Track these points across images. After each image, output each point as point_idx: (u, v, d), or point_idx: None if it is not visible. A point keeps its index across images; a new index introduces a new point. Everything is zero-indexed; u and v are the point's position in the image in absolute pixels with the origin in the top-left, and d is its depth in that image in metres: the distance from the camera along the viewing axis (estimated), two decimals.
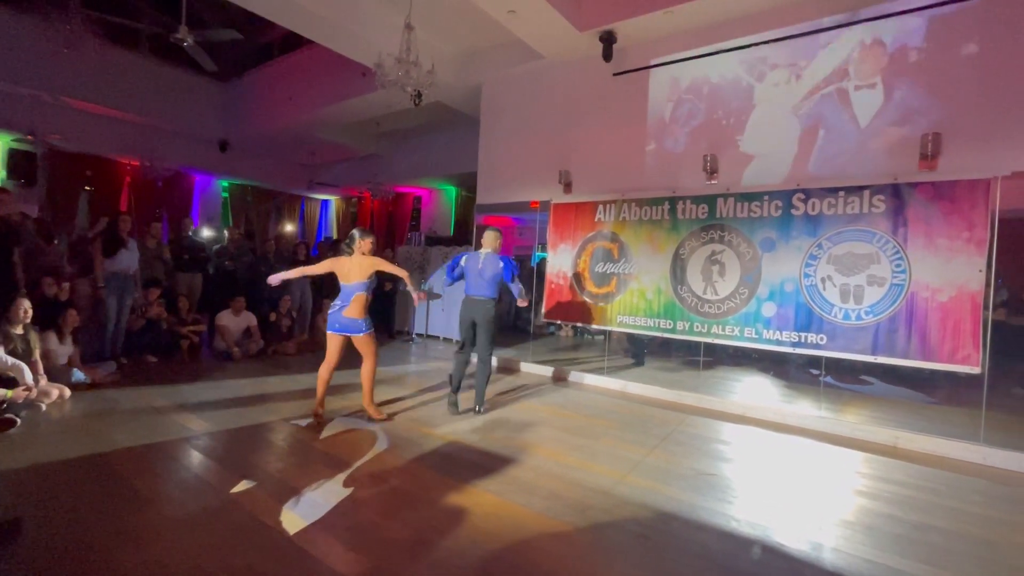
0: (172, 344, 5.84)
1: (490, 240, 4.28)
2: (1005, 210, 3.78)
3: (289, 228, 13.62)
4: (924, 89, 4.21)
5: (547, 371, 6.04)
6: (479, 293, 4.16)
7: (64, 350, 4.42)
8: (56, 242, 6.00)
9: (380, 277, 8.27)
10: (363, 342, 3.84)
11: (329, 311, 3.87)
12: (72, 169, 9.46)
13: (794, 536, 2.44)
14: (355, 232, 3.88)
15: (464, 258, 4.25)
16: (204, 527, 2.27)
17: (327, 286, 8.03)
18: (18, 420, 3.29)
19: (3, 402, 3.40)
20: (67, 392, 4.00)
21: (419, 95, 6.00)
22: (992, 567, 2.26)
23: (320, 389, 3.83)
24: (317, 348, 6.86)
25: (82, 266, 5.43)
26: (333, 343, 3.82)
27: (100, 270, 5.17)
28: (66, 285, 4.79)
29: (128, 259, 5.34)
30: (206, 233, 10.28)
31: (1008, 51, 3.90)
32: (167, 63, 9.47)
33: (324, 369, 3.84)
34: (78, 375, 4.36)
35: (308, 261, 7.64)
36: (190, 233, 7.09)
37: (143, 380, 4.75)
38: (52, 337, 4.33)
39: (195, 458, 3.05)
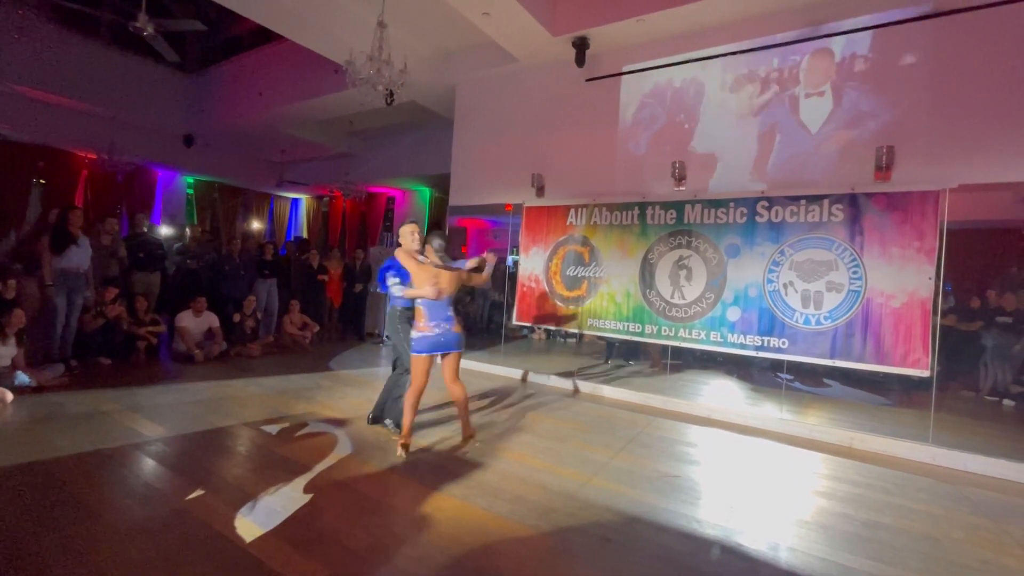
0: (128, 346, 5.60)
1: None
2: (953, 221, 3.97)
3: (257, 227, 13.25)
4: (877, 103, 4.39)
5: (517, 374, 6.03)
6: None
7: (7, 351, 4.18)
8: (3, 237, 5.70)
9: (350, 278, 8.19)
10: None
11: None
12: (23, 160, 8.96)
13: (753, 536, 2.49)
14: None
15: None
16: (152, 537, 2.17)
17: (295, 287, 7.86)
18: None
19: None
20: (9, 396, 3.78)
21: (391, 94, 5.91)
22: (933, 562, 2.36)
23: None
24: (283, 350, 6.69)
25: (29, 263, 5.15)
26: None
27: (48, 267, 4.91)
28: (11, 283, 4.53)
29: (79, 256, 5.09)
30: (166, 230, 9.90)
31: (956, 69, 4.10)
32: (128, 52, 9.09)
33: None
34: (22, 378, 4.13)
35: (276, 261, 7.47)
36: (145, 229, 6.82)
37: (94, 383, 4.53)
38: None
39: (146, 465, 2.92)
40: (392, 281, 3.59)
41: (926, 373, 3.92)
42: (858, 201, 4.27)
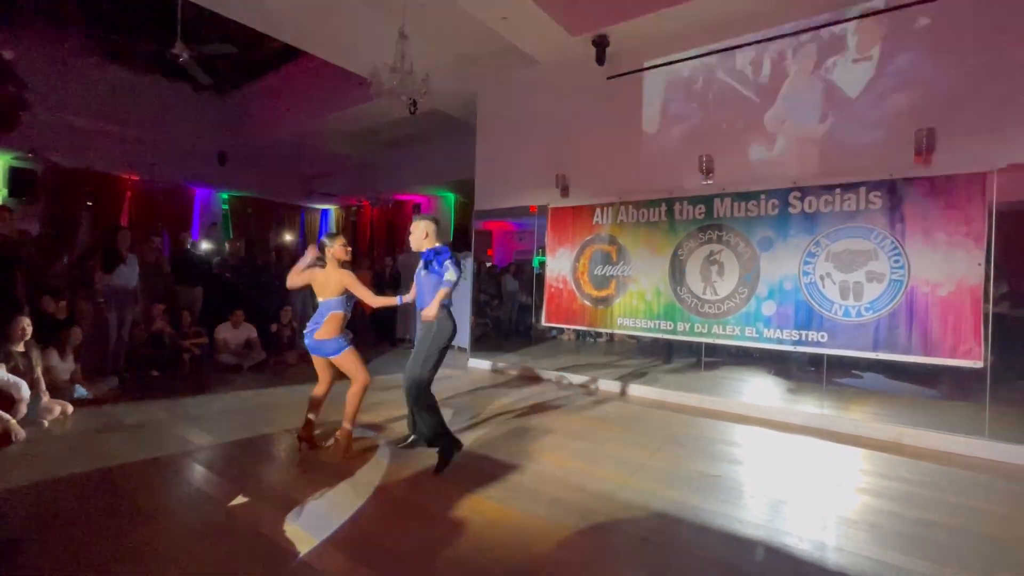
0: (174, 358, 5.86)
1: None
2: (1003, 203, 3.77)
3: (289, 238, 13.65)
4: (918, 83, 4.21)
5: (548, 375, 6.03)
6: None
7: (66, 366, 4.44)
8: (58, 259, 6.06)
9: (380, 286, 8.34)
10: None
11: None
12: (73, 186, 9.49)
13: (798, 536, 2.42)
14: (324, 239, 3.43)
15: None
16: (205, 541, 2.27)
17: None
18: (21, 434, 3.30)
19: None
20: (69, 408, 4.01)
21: (414, 103, 6.05)
22: (995, 562, 2.25)
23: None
24: None
25: (83, 283, 5.46)
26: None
27: (99, 286, 5.19)
28: (62, 304, 4.80)
29: (127, 274, 5.36)
30: (206, 246, 10.32)
31: (1000, 44, 3.90)
32: (164, 78, 9.54)
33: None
34: (80, 391, 4.38)
35: None
36: (189, 246, 7.13)
37: (145, 394, 4.76)
38: (53, 354, 4.34)
39: (197, 471, 3.05)
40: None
41: (979, 364, 3.74)
42: (897, 187, 4.10)
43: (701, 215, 5.07)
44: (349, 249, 3.45)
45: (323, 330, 3.34)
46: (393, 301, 3.38)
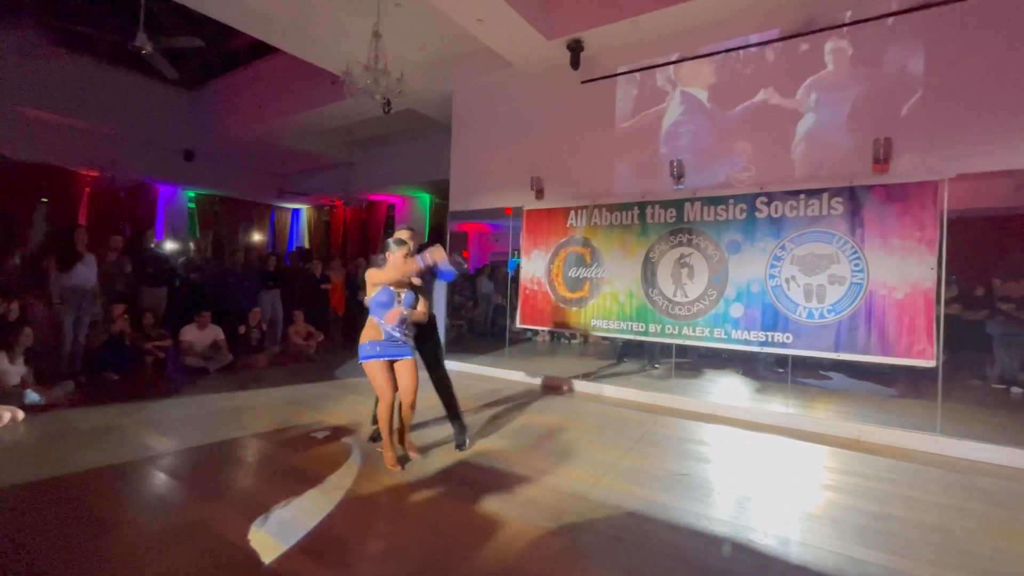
0: (136, 361, 5.64)
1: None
2: (953, 210, 3.97)
3: (258, 238, 13.32)
4: (873, 94, 4.40)
5: (522, 377, 6.04)
6: None
7: (16, 370, 4.22)
8: (9, 257, 5.76)
9: (353, 287, 8.21)
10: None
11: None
12: (26, 181, 9.03)
13: (763, 532, 2.50)
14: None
15: None
16: (168, 550, 2.19)
17: (299, 297, 7.89)
18: None
19: None
20: (20, 414, 3.81)
21: (388, 103, 5.98)
22: (946, 552, 2.36)
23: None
24: (289, 360, 6.72)
25: (36, 282, 5.20)
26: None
27: (55, 286, 4.96)
28: (14, 305, 4.57)
29: (85, 274, 5.14)
30: (171, 245, 9.97)
31: (951, 58, 4.12)
32: (128, 70, 9.18)
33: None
34: (32, 396, 4.16)
35: (279, 272, 7.51)
36: (152, 245, 6.88)
37: (103, 399, 4.56)
38: (3, 357, 4.13)
39: (159, 478, 2.95)
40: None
41: (932, 363, 3.92)
42: (857, 194, 4.28)
43: (672, 219, 5.17)
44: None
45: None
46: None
